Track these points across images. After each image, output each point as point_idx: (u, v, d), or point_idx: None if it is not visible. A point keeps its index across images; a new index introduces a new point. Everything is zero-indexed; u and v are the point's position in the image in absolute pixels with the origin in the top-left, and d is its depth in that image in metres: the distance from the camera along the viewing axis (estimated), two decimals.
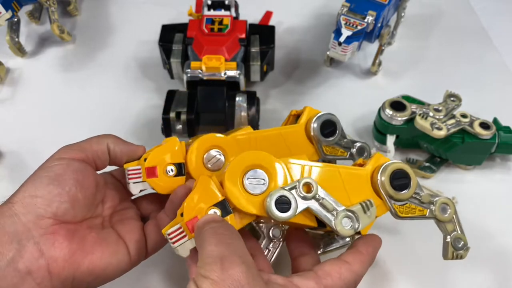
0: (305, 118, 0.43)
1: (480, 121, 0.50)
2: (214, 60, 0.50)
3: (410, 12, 0.64)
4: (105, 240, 0.34)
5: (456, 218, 0.38)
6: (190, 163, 0.38)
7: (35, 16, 0.68)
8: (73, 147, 0.35)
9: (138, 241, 0.36)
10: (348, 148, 0.44)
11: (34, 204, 0.31)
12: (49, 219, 0.31)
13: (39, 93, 0.61)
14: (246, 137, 0.40)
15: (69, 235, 0.32)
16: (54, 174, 0.32)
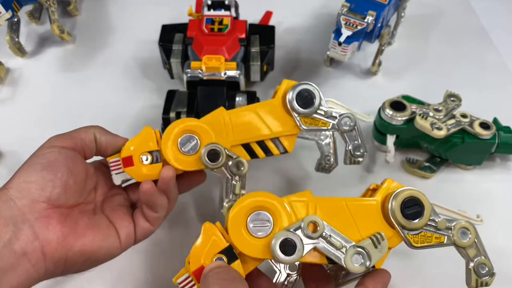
0: (282, 91, 0.41)
1: (480, 121, 0.50)
2: (214, 60, 0.50)
3: (410, 12, 0.64)
4: (97, 224, 0.36)
5: (479, 242, 0.35)
6: (165, 149, 0.38)
7: (35, 16, 0.68)
8: (63, 136, 0.37)
9: (127, 227, 0.37)
10: (332, 117, 0.41)
11: (29, 189, 0.32)
12: (43, 203, 0.33)
13: (39, 93, 0.61)
14: (219, 117, 0.40)
15: (62, 218, 0.33)
16: (46, 161, 0.34)
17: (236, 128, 0.40)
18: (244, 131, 0.40)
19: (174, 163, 0.38)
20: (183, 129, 0.39)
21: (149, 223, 0.38)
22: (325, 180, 0.51)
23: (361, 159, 0.42)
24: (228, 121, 0.40)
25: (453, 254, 0.37)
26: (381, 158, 0.54)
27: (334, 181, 0.51)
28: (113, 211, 0.38)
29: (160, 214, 0.38)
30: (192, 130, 0.39)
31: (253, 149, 0.41)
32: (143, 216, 0.38)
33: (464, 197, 0.51)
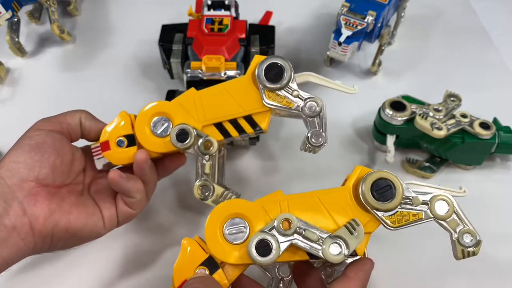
0: (253, 66, 0.39)
1: (480, 121, 0.50)
2: (214, 60, 0.50)
3: (410, 12, 0.64)
4: (83, 203, 0.38)
5: (459, 212, 0.35)
6: (138, 132, 0.39)
7: (35, 16, 0.68)
8: (50, 120, 0.39)
9: (110, 209, 0.39)
10: (298, 99, 0.39)
11: (18, 168, 0.35)
12: (31, 182, 0.35)
13: (39, 93, 0.61)
14: (190, 98, 0.40)
15: (49, 196, 0.35)
16: (34, 143, 0.36)
17: (207, 108, 0.40)
18: (215, 110, 0.40)
19: (147, 145, 0.39)
20: (155, 111, 0.39)
21: (128, 207, 0.39)
22: (322, 181, 0.51)
23: (317, 149, 0.39)
24: (199, 100, 0.40)
25: (440, 242, 0.37)
26: (381, 158, 0.54)
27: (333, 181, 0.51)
28: (98, 193, 0.40)
29: (136, 198, 0.39)
30: (163, 112, 0.39)
31: (226, 128, 0.40)
32: (122, 200, 0.39)
33: (464, 197, 0.51)
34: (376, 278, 0.44)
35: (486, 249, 0.47)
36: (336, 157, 0.54)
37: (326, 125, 0.39)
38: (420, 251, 0.47)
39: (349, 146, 0.56)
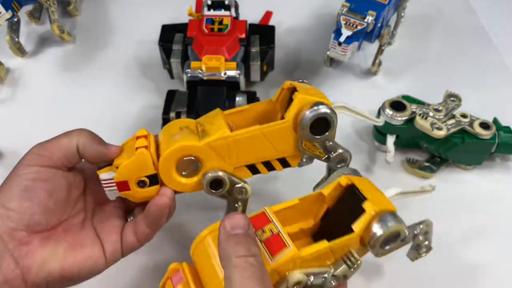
0: (295, 110, 0.36)
1: (480, 121, 0.50)
2: (214, 60, 0.50)
3: (410, 12, 0.64)
4: (81, 244, 0.35)
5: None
6: (163, 174, 0.36)
7: (35, 16, 0.68)
8: (41, 152, 0.35)
9: (114, 244, 0.36)
10: (329, 151, 0.39)
11: (8, 216, 0.32)
12: (22, 231, 0.32)
13: (39, 93, 0.61)
14: (223, 142, 0.36)
15: (42, 242, 0.33)
16: (24, 186, 0.33)
17: (241, 151, 0.37)
18: (250, 153, 0.37)
19: (173, 186, 0.36)
20: (183, 154, 0.35)
21: (136, 240, 0.36)
22: None
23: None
24: (233, 144, 0.36)
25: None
26: (381, 158, 0.54)
27: None
28: (102, 222, 0.37)
29: (153, 232, 0.36)
30: (192, 154, 0.35)
31: (258, 168, 0.39)
32: (133, 231, 0.36)
33: (464, 197, 0.51)
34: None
35: (486, 249, 0.47)
36: None
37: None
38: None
39: (349, 146, 0.55)
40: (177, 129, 0.37)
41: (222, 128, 0.36)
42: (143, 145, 0.35)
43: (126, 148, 0.37)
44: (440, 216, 0.49)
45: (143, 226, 0.36)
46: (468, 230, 0.48)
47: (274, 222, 0.32)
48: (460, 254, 0.47)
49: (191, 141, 0.35)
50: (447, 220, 0.49)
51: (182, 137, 0.35)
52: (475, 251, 0.47)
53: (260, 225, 0.32)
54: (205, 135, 0.36)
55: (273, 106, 0.40)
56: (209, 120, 0.38)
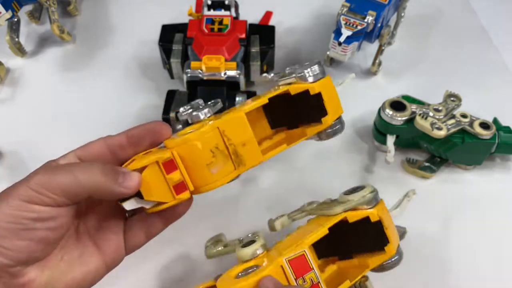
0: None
1: (480, 121, 0.50)
2: (214, 60, 0.50)
3: (410, 12, 0.64)
4: (78, 259, 0.33)
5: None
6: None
7: (35, 16, 0.68)
8: (42, 191, 0.30)
9: (116, 250, 0.34)
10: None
11: (1, 254, 0.29)
12: (17, 267, 0.30)
13: (39, 93, 0.61)
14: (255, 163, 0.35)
15: (39, 272, 0.31)
16: (21, 225, 0.29)
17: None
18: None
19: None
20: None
21: (146, 237, 0.35)
22: (322, 180, 0.51)
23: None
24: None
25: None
26: (381, 158, 0.54)
27: (333, 181, 0.51)
28: (100, 229, 0.34)
29: (166, 227, 0.35)
30: None
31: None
32: (144, 229, 0.35)
33: (464, 197, 0.51)
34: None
35: (486, 249, 0.47)
36: (336, 157, 0.54)
37: None
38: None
39: (349, 146, 0.56)
40: (208, 153, 0.32)
41: (256, 154, 0.35)
42: (180, 182, 0.32)
43: (151, 176, 0.32)
44: (440, 216, 0.49)
45: (158, 224, 0.35)
46: (468, 230, 0.48)
47: (314, 271, 0.33)
48: (460, 254, 0.47)
49: (231, 174, 0.33)
50: (447, 220, 0.49)
51: (221, 171, 0.33)
52: (475, 251, 0.47)
53: (301, 272, 0.33)
54: (241, 163, 0.34)
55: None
56: (240, 138, 0.34)
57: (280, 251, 0.34)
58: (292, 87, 0.35)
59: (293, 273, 0.32)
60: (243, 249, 0.34)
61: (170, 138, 0.33)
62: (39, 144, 0.55)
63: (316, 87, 0.35)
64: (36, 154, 0.54)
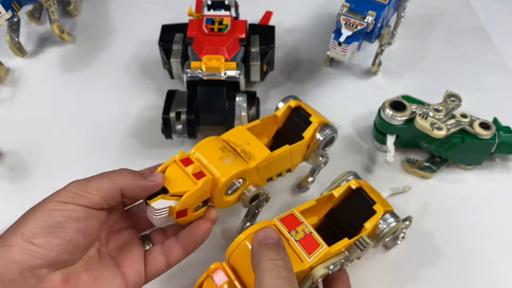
0: (312, 130, 0.43)
1: (480, 121, 0.50)
2: (214, 60, 0.50)
3: (410, 12, 0.64)
4: (101, 277, 0.33)
5: None
6: (217, 197, 0.37)
7: (35, 16, 0.68)
8: (79, 192, 0.32)
9: (137, 273, 0.35)
10: (321, 157, 0.46)
11: (32, 252, 0.30)
12: (45, 268, 0.30)
13: (39, 93, 0.61)
14: (265, 161, 0.40)
15: (65, 280, 0.31)
16: (55, 222, 0.31)
17: (273, 168, 0.41)
18: (277, 168, 0.43)
19: (219, 206, 0.39)
20: (238, 176, 0.38)
21: (167, 265, 0.36)
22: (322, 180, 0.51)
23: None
24: (270, 163, 0.40)
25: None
26: (381, 158, 0.54)
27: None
28: (121, 251, 0.36)
29: (187, 255, 0.37)
30: (243, 175, 0.38)
31: (272, 179, 0.44)
32: (164, 257, 0.36)
33: (464, 197, 0.51)
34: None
35: (486, 249, 0.47)
36: (336, 157, 0.54)
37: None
38: None
39: (349, 146, 0.56)
40: (218, 151, 0.38)
41: (262, 148, 0.40)
42: (198, 171, 0.36)
43: (173, 173, 0.36)
44: (440, 216, 0.49)
45: (178, 251, 0.37)
46: (468, 230, 0.48)
47: (305, 223, 0.36)
48: (460, 254, 0.46)
49: (244, 165, 0.38)
50: (447, 220, 0.49)
51: (234, 162, 0.37)
52: (475, 251, 0.47)
53: (292, 226, 0.36)
54: (251, 157, 0.39)
55: (274, 120, 0.45)
56: (243, 139, 0.40)
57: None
58: (335, 190, 0.41)
59: (285, 227, 0.36)
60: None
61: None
62: (39, 144, 0.55)
63: (355, 183, 0.41)
64: (36, 154, 0.54)
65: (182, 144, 0.55)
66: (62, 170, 0.51)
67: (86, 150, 0.55)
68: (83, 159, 0.54)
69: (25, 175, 0.52)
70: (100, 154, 0.54)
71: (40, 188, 0.36)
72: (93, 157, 0.54)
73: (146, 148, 0.55)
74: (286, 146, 0.41)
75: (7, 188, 0.51)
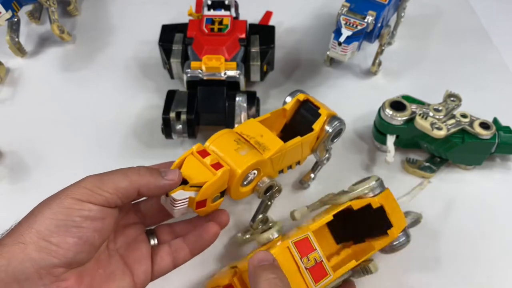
0: (321, 122, 0.44)
1: (480, 121, 0.50)
2: (214, 60, 0.50)
3: (410, 12, 0.64)
4: (112, 275, 0.34)
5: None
6: (234, 186, 0.37)
7: (35, 16, 0.68)
8: (96, 190, 0.31)
9: (145, 272, 0.35)
10: (326, 151, 0.47)
11: (49, 251, 0.29)
12: (62, 268, 0.30)
13: (39, 93, 0.61)
14: (279, 153, 0.40)
15: (79, 279, 0.31)
16: (72, 221, 0.30)
17: (285, 159, 0.42)
18: (288, 160, 0.43)
19: (235, 197, 0.39)
20: (253, 168, 0.38)
21: (173, 265, 0.37)
22: (322, 180, 0.51)
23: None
24: (284, 154, 0.41)
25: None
26: (381, 158, 0.54)
27: (333, 181, 0.51)
28: (129, 249, 0.36)
29: (194, 256, 0.38)
30: (258, 166, 0.38)
31: (283, 171, 0.44)
32: (171, 257, 0.37)
33: (464, 197, 0.51)
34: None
35: (486, 249, 0.47)
36: (336, 157, 0.54)
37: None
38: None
39: (349, 146, 0.56)
40: (233, 143, 0.38)
41: (276, 140, 0.40)
42: (216, 162, 0.36)
43: (191, 165, 0.36)
44: (440, 216, 0.49)
45: (185, 252, 0.37)
46: (468, 230, 0.48)
47: (317, 251, 0.37)
48: (460, 254, 0.47)
49: (259, 156, 0.38)
50: (447, 220, 0.49)
51: (250, 153, 0.38)
52: (475, 251, 0.47)
53: (305, 252, 0.36)
54: (265, 148, 0.39)
55: (283, 113, 0.45)
56: (256, 132, 0.41)
57: (289, 236, 0.38)
58: (354, 203, 0.40)
59: (298, 253, 0.36)
60: (261, 234, 0.38)
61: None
62: (39, 144, 0.55)
63: (378, 200, 0.39)
64: (36, 154, 0.54)
65: (182, 144, 0.55)
66: (62, 170, 0.51)
67: (86, 150, 0.55)
68: (83, 159, 0.54)
69: (25, 175, 0.52)
70: (100, 154, 0.54)
71: (40, 188, 0.36)
72: (93, 157, 0.54)
73: (146, 148, 0.55)
74: (298, 137, 0.42)
75: (7, 188, 0.51)
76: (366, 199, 0.40)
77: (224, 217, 0.38)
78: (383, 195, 0.40)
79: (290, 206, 0.46)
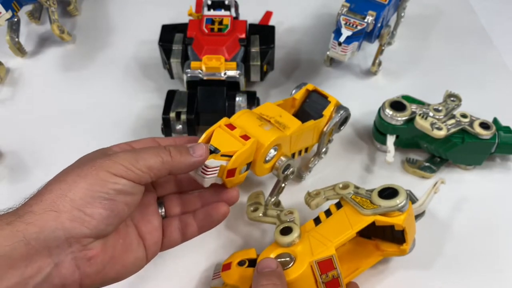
0: (331, 110, 0.47)
1: (480, 121, 0.50)
2: (214, 60, 0.50)
3: (410, 12, 0.64)
4: (130, 246, 0.35)
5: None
6: (260, 160, 0.39)
7: (35, 16, 0.68)
8: (130, 167, 0.32)
9: (156, 244, 0.36)
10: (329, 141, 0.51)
11: (82, 222, 0.30)
12: (91, 238, 0.31)
13: (39, 93, 0.61)
14: (298, 132, 0.43)
15: (104, 248, 0.32)
16: (106, 193, 0.31)
17: (299, 141, 0.44)
18: (301, 143, 0.45)
19: (259, 173, 0.41)
20: (276, 143, 0.40)
21: (181, 239, 0.38)
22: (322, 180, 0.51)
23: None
24: (300, 134, 0.43)
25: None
26: (381, 158, 0.54)
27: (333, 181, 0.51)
28: (143, 219, 0.36)
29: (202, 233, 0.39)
30: (279, 142, 0.40)
31: (294, 156, 0.46)
32: (181, 231, 0.38)
33: (464, 197, 0.51)
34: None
35: (486, 249, 0.47)
36: (336, 157, 0.54)
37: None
38: None
39: (349, 146, 0.56)
40: (256, 120, 0.41)
41: (294, 120, 0.43)
42: (244, 134, 0.38)
43: (220, 136, 0.38)
44: (440, 216, 0.49)
45: (194, 229, 0.38)
46: (468, 230, 0.48)
47: (337, 270, 0.38)
48: (459, 254, 0.46)
49: (282, 133, 0.41)
50: (446, 220, 0.49)
51: (274, 129, 0.40)
52: (475, 251, 0.47)
53: (326, 270, 0.38)
54: (285, 127, 0.42)
55: (293, 102, 0.48)
56: (275, 112, 0.43)
57: (312, 249, 0.38)
58: (378, 219, 0.39)
59: (319, 270, 0.37)
60: (282, 237, 0.39)
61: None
62: (39, 144, 0.55)
63: (402, 224, 0.39)
64: (36, 154, 0.54)
65: None
66: None
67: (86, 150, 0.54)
68: None
69: (25, 175, 0.52)
70: None
71: None
72: None
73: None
74: (312, 121, 0.45)
75: (7, 188, 0.51)
76: (391, 219, 0.39)
77: (234, 192, 0.39)
78: (407, 215, 0.39)
79: (288, 198, 0.47)
